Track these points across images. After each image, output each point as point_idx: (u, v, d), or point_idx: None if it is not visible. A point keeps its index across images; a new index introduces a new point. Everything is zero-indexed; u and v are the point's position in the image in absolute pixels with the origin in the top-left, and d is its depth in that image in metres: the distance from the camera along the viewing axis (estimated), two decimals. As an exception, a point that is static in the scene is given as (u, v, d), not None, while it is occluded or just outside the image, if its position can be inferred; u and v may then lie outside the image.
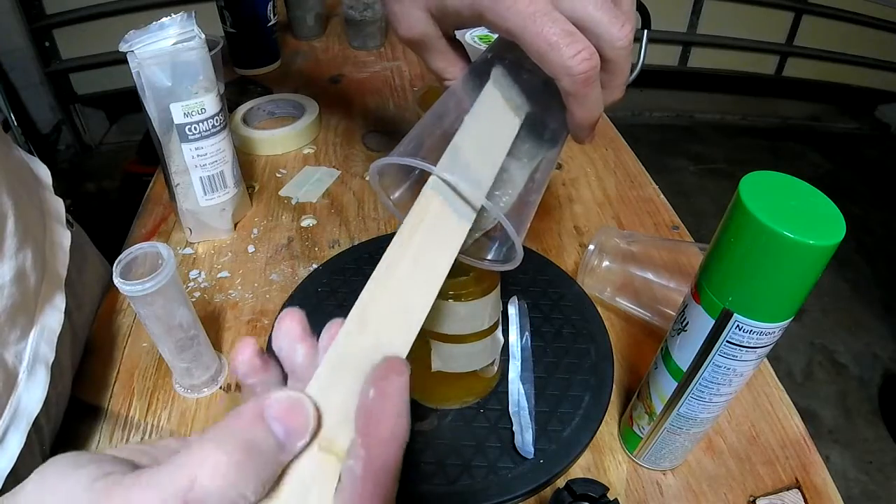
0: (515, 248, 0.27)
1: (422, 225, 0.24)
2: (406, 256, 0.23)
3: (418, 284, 0.23)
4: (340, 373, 0.20)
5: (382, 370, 0.19)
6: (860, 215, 1.99)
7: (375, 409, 0.18)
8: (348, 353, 0.20)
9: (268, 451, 0.17)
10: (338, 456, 0.18)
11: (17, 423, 0.34)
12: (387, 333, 0.21)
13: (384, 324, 0.21)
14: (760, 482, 0.39)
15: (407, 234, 0.23)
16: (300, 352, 0.21)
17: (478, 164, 0.26)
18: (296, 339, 0.21)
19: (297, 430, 0.18)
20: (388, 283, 0.22)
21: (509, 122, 0.29)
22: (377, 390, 0.18)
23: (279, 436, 0.17)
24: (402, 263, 0.23)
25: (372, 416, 0.18)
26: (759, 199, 0.24)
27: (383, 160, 0.26)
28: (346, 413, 0.19)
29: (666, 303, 0.46)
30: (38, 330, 0.37)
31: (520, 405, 0.40)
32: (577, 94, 0.27)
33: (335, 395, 0.19)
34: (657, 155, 2.23)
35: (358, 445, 0.18)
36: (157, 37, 0.45)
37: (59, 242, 0.43)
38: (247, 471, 0.16)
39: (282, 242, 0.57)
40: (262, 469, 0.17)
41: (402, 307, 0.22)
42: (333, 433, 0.19)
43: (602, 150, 0.70)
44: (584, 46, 0.26)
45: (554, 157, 0.32)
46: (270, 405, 0.18)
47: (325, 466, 0.18)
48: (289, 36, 0.96)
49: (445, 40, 0.34)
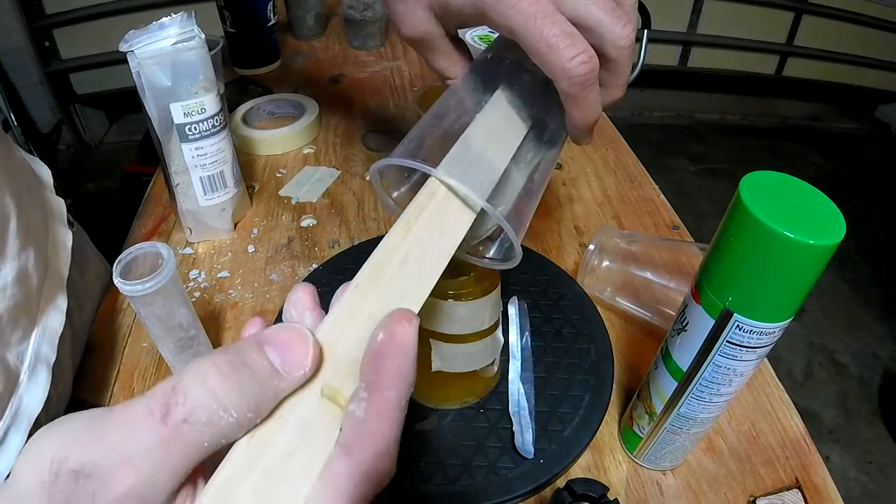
0: (514, 248, 0.27)
1: (432, 200, 0.24)
2: (419, 222, 0.23)
3: (432, 244, 0.23)
4: (348, 323, 0.20)
5: (394, 317, 0.19)
6: (860, 215, 1.99)
7: (382, 349, 0.18)
8: (358, 305, 0.20)
9: (260, 373, 0.17)
10: (341, 406, 0.18)
11: (19, 423, 0.34)
12: (398, 290, 0.21)
13: (396, 280, 0.21)
14: (760, 482, 0.39)
15: (417, 206, 0.24)
16: (309, 320, 0.21)
17: (479, 168, 0.26)
18: (305, 308, 0.21)
19: (296, 358, 0.18)
20: (400, 244, 0.22)
21: (515, 130, 0.29)
22: (386, 333, 0.18)
23: (275, 362, 0.17)
24: (416, 226, 0.23)
25: (378, 355, 0.18)
26: (759, 199, 0.24)
27: (384, 161, 0.26)
28: (352, 364, 0.19)
29: (666, 303, 0.46)
30: (39, 330, 0.37)
31: (520, 405, 0.40)
32: (576, 96, 0.27)
33: (342, 343, 0.19)
34: (657, 155, 2.23)
35: (361, 389, 0.18)
36: (157, 37, 0.45)
37: (61, 242, 0.43)
38: (232, 384, 0.16)
39: (282, 242, 0.57)
40: (250, 389, 0.17)
41: (416, 265, 0.22)
42: (338, 382, 0.19)
43: (602, 150, 0.70)
44: (583, 49, 0.26)
45: (553, 158, 0.32)
46: (268, 333, 0.18)
47: (328, 412, 0.18)
48: (289, 36, 0.96)
49: (448, 39, 0.34)
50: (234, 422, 0.16)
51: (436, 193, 0.25)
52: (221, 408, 0.16)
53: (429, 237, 0.23)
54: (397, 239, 0.23)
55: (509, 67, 0.31)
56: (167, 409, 0.15)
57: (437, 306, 0.34)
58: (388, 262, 0.22)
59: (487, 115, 0.29)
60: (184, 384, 0.16)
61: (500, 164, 0.28)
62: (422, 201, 0.24)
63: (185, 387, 0.16)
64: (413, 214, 0.24)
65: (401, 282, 0.21)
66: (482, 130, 0.28)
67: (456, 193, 0.25)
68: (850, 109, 2.58)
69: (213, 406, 0.16)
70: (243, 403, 0.16)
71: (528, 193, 0.30)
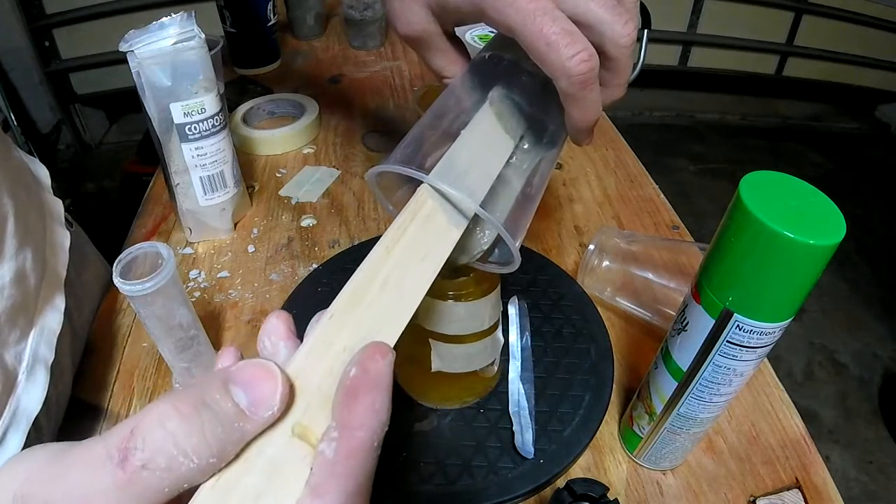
0: (513, 253, 0.27)
1: (416, 217, 0.23)
2: (400, 244, 0.22)
3: (412, 272, 0.22)
4: (322, 356, 0.19)
5: (367, 351, 0.18)
6: (860, 215, 1.99)
7: (355, 385, 0.17)
8: (333, 336, 0.19)
9: (224, 415, 0.16)
10: (312, 445, 0.17)
11: (17, 423, 0.34)
12: (375, 320, 0.20)
13: (373, 308, 0.20)
14: (760, 482, 0.39)
15: (399, 226, 0.23)
16: (283, 351, 0.20)
17: (472, 174, 0.26)
18: (279, 338, 0.21)
19: (263, 398, 0.17)
20: (381, 268, 0.21)
21: (504, 140, 0.29)
22: (360, 368, 0.18)
23: (241, 402, 0.17)
24: (397, 248, 0.22)
25: (350, 392, 0.17)
26: (759, 199, 0.24)
27: (378, 168, 0.26)
28: (325, 399, 0.18)
29: (666, 303, 0.46)
30: (37, 331, 0.37)
31: (520, 405, 0.40)
32: (575, 95, 0.27)
33: (315, 377, 0.18)
34: (657, 155, 2.23)
35: (332, 428, 0.17)
36: (156, 36, 0.45)
37: (58, 243, 0.43)
38: (192, 427, 0.15)
39: (282, 242, 0.57)
40: (213, 432, 0.16)
41: (395, 294, 0.21)
42: (310, 419, 0.18)
43: (602, 150, 0.70)
44: (583, 47, 0.26)
45: (553, 160, 0.31)
46: (234, 371, 0.17)
47: (297, 452, 0.17)
48: (289, 36, 0.96)
49: (445, 37, 0.33)
50: (195, 467, 0.15)
51: (421, 209, 0.24)
52: (181, 453, 0.15)
53: (410, 260, 0.22)
54: (376, 263, 0.22)
55: (508, 67, 0.31)
56: (125, 453, 0.15)
57: (437, 306, 0.34)
58: (366, 288, 0.21)
59: (478, 124, 0.28)
60: (143, 427, 0.15)
61: (493, 170, 0.27)
62: (405, 218, 0.23)
63: (143, 430, 0.15)
64: (394, 235, 0.23)
65: (378, 310, 0.20)
66: (473, 139, 0.27)
67: (443, 209, 0.24)
68: (850, 109, 2.58)
69: (172, 451, 0.15)
70: (205, 448, 0.16)
71: (526, 197, 0.29)
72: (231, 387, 0.17)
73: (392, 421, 0.18)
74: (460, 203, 0.25)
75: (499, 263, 0.31)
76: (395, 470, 0.37)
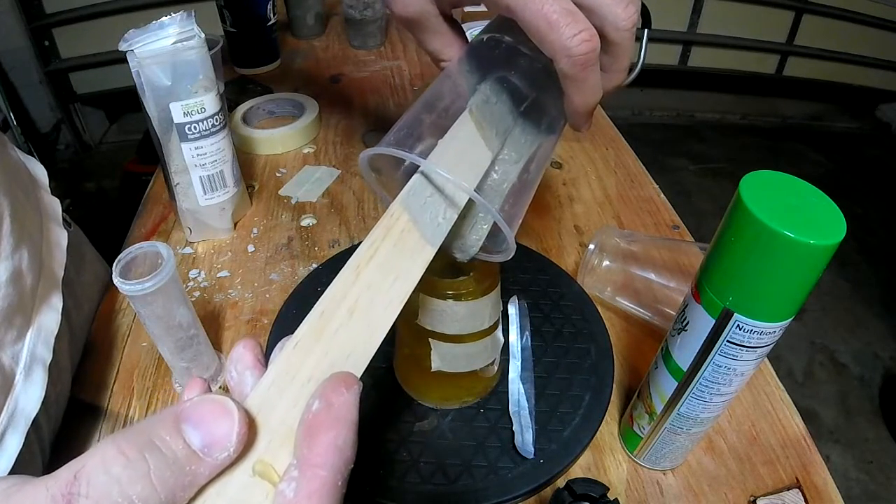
0: (508, 241, 0.27)
1: (389, 233, 0.22)
2: (371, 264, 0.21)
3: (382, 296, 0.21)
4: (286, 387, 0.18)
5: (332, 383, 0.17)
6: (861, 215, 1.99)
7: (317, 420, 0.16)
8: (297, 366, 0.18)
9: (174, 457, 0.15)
10: (273, 483, 0.16)
11: (16, 424, 0.34)
12: (342, 348, 0.19)
13: (341, 335, 0.19)
14: (761, 482, 0.38)
15: (371, 245, 0.22)
16: (249, 381, 0.19)
17: (463, 165, 0.25)
18: (246, 367, 0.20)
19: (219, 438, 0.16)
20: (349, 290, 0.20)
21: (482, 151, 0.28)
22: (323, 401, 0.16)
23: (194, 443, 0.15)
24: (367, 270, 0.21)
25: (312, 427, 0.16)
26: (759, 199, 0.24)
27: (371, 151, 0.25)
28: (288, 433, 0.17)
29: (666, 302, 0.46)
30: (34, 330, 0.37)
31: (520, 405, 0.40)
32: (576, 77, 0.26)
33: (278, 410, 0.17)
34: (657, 154, 2.23)
35: (293, 466, 0.16)
36: (156, 36, 0.45)
37: (56, 242, 0.43)
38: (138, 472, 0.14)
39: (282, 242, 0.57)
40: (161, 476, 0.15)
41: (363, 321, 0.20)
42: (272, 455, 0.17)
43: (602, 150, 0.70)
44: (584, 27, 0.25)
45: (551, 147, 0.31)
46: (188, 407, 0.16)
47: (259, 492, 0.16)
48: (288, 35, 0.96)
49: (443, 19, 0.33)
50: None
51: (395, 224, 0.23)
52: (126, 500, 0.14)
53: (380, 283, 0.21)
54: (345, 285, 0.21)
55: (506, 50, 0.30)
56: (69, 499, 0.14)
57: (437, 306, 0.34)
58: (333, 313, 0.20)
59: (455, 135, 0.27)
60: (86, 471, 0.14)
61: (482, 164, 0.27)
62: (378, 234, 0.22)
63: (87, 474, 0.14)
64: (366, 253, 0.22)
65: (346, 337, 0.19)
66: (453, 146, 0.26)
67: (417, 225, 0.23)
68: (850, 109, 2.58)
69: (117, 499, 0.14)
70: (152, 495, 0.15)
71: (523, 184, 0.29)
72: (183, 426, 0.16)
73: (392, 421, 0.18)
74: (452, 191, 0.24)
75: (495, 252, 0.30)
76: (396, 470, 0.37)
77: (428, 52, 0.34)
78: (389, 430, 0.39)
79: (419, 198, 0.24)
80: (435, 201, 0.24)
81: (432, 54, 0.34)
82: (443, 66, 0.34)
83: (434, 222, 0.24)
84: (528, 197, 0.29)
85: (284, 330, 0.46)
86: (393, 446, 0.38)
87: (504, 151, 0.29)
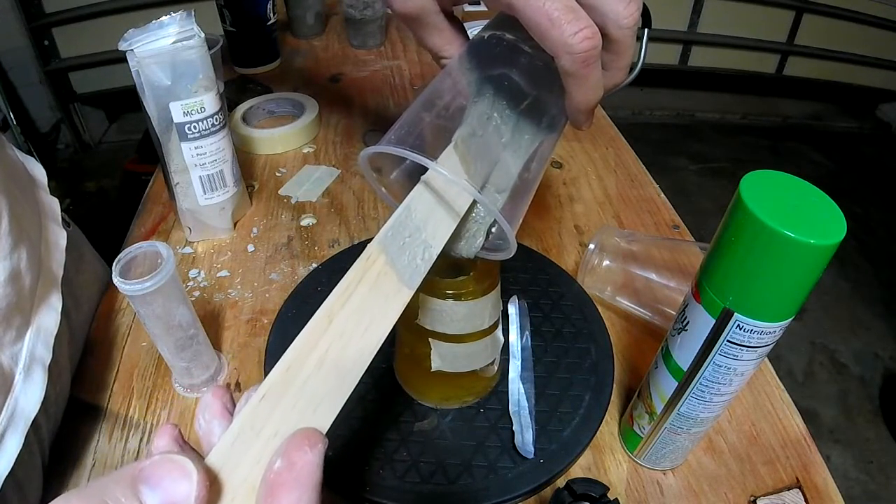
0: (508, 240, 0.27)
1: (365, 277, 0.21)
2: (345, 309, 0.20)
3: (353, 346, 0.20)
4: (250, 442, 0.17)
5: (295, 440, 0.17)
6: (861, 215, 1.99)
7: (279, 480, 0.16)
8: (263, 420, 0.18)
9: None
10: None
11: (15, 424, 0.34)
12: (309, 402, 0.19)
13: (309, 387, 0.19)
14: (761, 482, 0.38)
15: (345, 290, 0.21)
16: (217, 431, 0.19)
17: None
18: (213, 416, 0.19)
19: (175, 501, 0.15)
20: (319, 339, 0.20)
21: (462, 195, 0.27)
22: (285, 460, 0.16)
23: None
24: (339, 316, 0.20)
25: (273, 488, 0.16)
26: (759, 199, 0.24)
27: (371, 149, 0.25)
28: (251, 492, 0.17)
29: (666, 302, 0.46)
30: (34, 330, 0.37)
31: (520, 405, 0.40)
32: (577, 74, 0.26)
33: (242, 467, 0.17)
34: (658, 154, 2.23)
35: None
36: (156, 35, 0.45)
37: (55, 242, 0.43)
38: None
39: (281, 241, 0.57)
40: None
41: (333, 373, 0.19)
42: None
43: (603, 150, 0.70)
44: (586, 24, 0.25)
45: (551, 146, 0.31)
46: (146, 467, 0.15)
47: None
48: (288, 35, 0.96)
49: (443, 16, 0.32)
50: None
51: (371, 267, 0.22)
52: None
53: (352, 331, 0.20)
54: (315, 332, 0.20)
55: (508, 48, 0.30)
56: None
57: (437, 306, 0.34)
58: (302, 364, 0.19)
59: (450, 154, 0.27)
60: None
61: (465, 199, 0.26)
62: (353, 277, 0.21)
63: None
64: (340, 299, 0.21)
65: (313, 390, 0.19)
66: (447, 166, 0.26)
67: (395, 267, 0.22)
68: (850, 108, 2.58)
69: None
70: None
71: (523, 183, 0.29)
72: (141, 486, 0.15)
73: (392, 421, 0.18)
74: (454, 195, 0.24)
75: (494, 251, 0.30)
76: (396, 470, 0.37)
77: (428, 49, 0.34)
78: (389, 429, 0.39)
79: (398, 238, 0.23)
80: (414, 241, 0.24)
81: (432, 51, 0.34)
82: (443, 64, 0.34)
83: (412, 264, 0.23)
84: (529, 195, 0.29)
85: (284, 330, 0.46)
86: (393, 446, 0.38)
87: (489, 184, 0.28)
